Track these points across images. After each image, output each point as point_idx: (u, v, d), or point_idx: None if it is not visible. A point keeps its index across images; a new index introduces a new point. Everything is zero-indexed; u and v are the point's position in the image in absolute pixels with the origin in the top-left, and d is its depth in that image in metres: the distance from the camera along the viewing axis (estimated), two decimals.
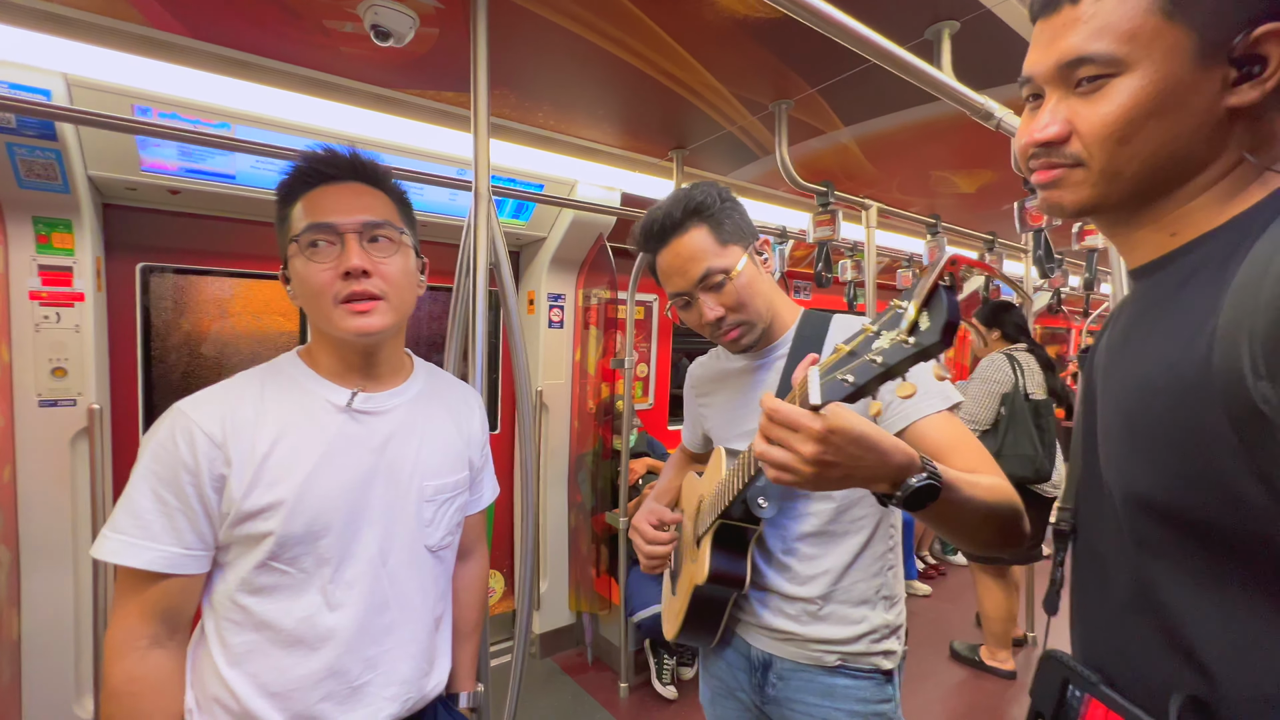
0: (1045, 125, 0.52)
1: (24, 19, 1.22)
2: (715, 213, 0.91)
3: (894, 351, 0.53)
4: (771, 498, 0.92)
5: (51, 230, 1.63)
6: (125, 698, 0.70)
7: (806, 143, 1.99)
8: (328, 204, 0.77)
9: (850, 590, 0.93)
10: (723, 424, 1.06)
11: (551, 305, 2.68)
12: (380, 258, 0.78)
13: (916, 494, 0.63)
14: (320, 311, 0.76)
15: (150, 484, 0.71)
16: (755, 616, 0.98)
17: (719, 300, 0.92)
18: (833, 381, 0.57)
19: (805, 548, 0.94)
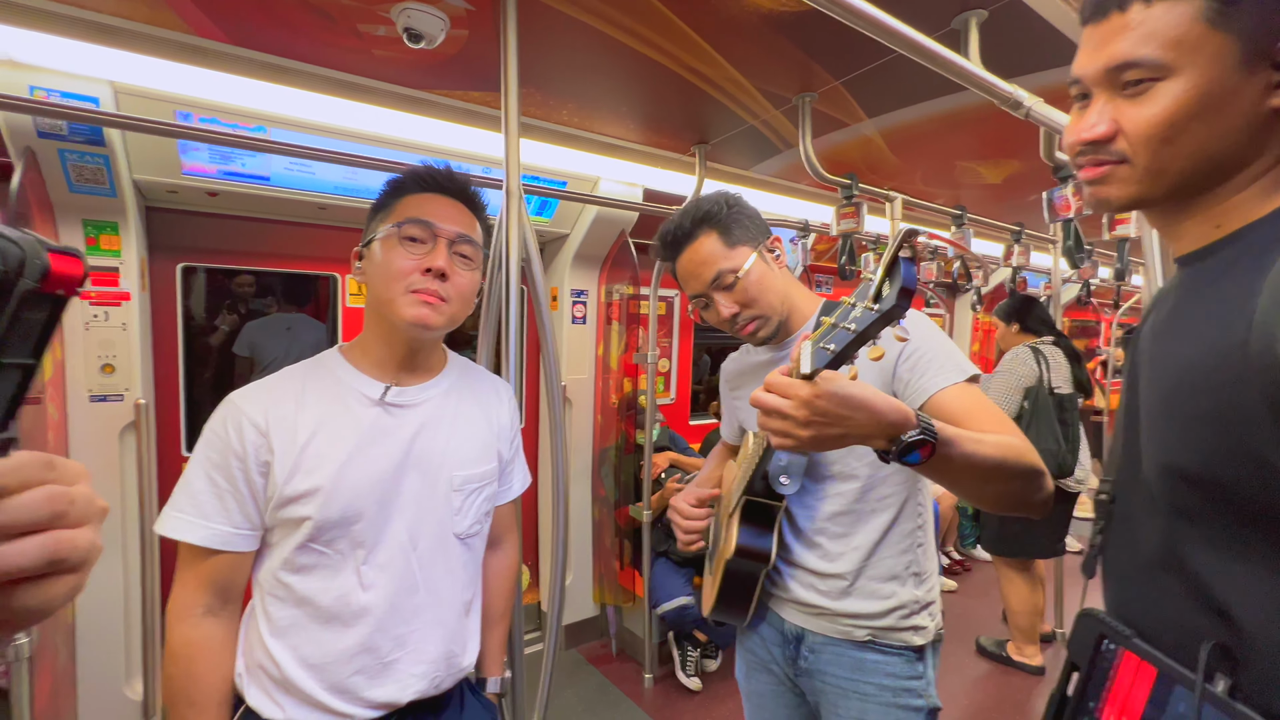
0: (1093, 125, 0.55)
1: (76, 30, 1.28)
2: (723, 219, 0.98)
3: (864, 318, 0.59)
4: (793, 475, 0.96)
5: (100, 232, 1.70)
6: (182, 660, 0.76)
7: (829, 135, 1.98)
8: (433, 209, 0.85)
9: (879, 566, 0.97)
10: (751, 413, 1.09)
11: (574, 301, 2.71)
12: (459, 269, 0.85)
13: (908, 447, 0.66)
14: (389, 294, 0.82)
15: (205, 468, 0.77)
16: (787, 591, 1.03)
17: (732, 298, 0.98)
18: (819, 351, 0.63)
19: (834, 526, 0.98)
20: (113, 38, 1.32)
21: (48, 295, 0.30)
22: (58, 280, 0.30)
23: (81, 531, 0.32)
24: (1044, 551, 2.57)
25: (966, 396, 0.86)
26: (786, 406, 0.66)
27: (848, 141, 2.06)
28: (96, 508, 0.33)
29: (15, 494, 0.29)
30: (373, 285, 0.84)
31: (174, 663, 0.76)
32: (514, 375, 1.14)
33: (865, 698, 0.97)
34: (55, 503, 0.30)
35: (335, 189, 2.00)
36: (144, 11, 1.26)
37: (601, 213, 2.47)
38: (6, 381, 0.30)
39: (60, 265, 0.30)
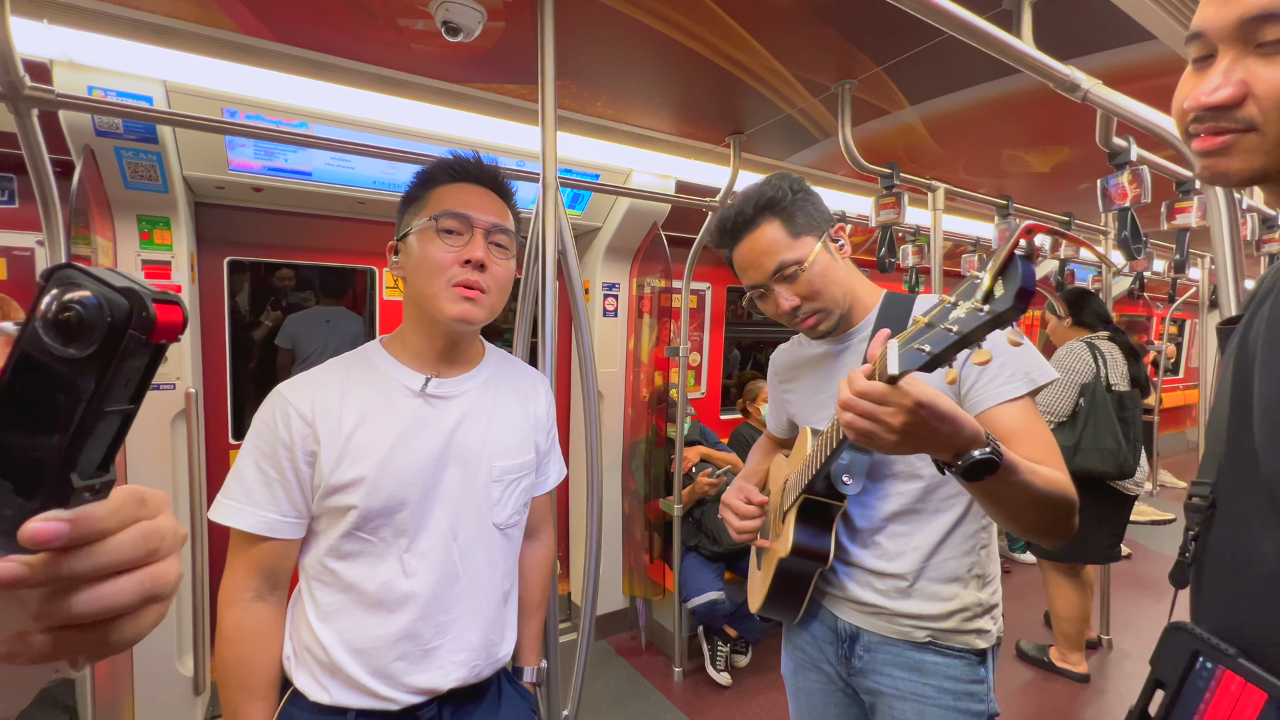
0: (1216, 87, 0.49)
1: (131, 31, 1.32)
2: (787, 206, 0.94)
3: (969, 320, 0.55)
4: (856, 475, 0.94)
5: (153, 228, 1.77)
6: (233, 642, 0.79)
7: (867, 124, 1.92)
8: (466, 199, 0.85)
9: (941, 567, 0.94)
10: (806, 408, 1.09)
11: (606, 294, 2.71)
12: (496, 259, 0.85)
13: (976, 466, 0.67)
14: (429, 289, 0.82)
15: (254, 457, 0.79)
16: (842, 589, 1.01)
17: (793, 290, 0.95)
18: (910, 352, 0.60)
19: (894, 525, 0.96)
20: (165, 37, 1.36)
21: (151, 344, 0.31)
22: (162, 329, 0.30)
23: (170, 563, 0.33)
24: (1099, 556, 2.47)
25: (1023, 415, 0.84)
26: (883, 413, 0.65)
27: (887, 130, 2.00)
28: (180, 537, 0.34)
29: (115, 534, 0.30)
30: (411, 279, 0.85)
31: (226, 646, 0.79)
32: (550, 368, 1.14)
33: (924, 700, 0.94)
34: (150, 540, 0.32)
35: (374, 184, 2.04)
36: (195, 11, 1.30)
37: (634, 205, 2.46)
38: (108, 427, 0.31)
39: (165, 314, 0.30)
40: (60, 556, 0.29)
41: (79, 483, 0.30)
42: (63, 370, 0.29)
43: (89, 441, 0.30)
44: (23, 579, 0.28)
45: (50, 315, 0.29)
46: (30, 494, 0.29)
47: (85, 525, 0.29)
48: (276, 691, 0.81)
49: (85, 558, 0.29)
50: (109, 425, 0.31)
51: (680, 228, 2.64)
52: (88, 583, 0.30)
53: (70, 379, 0.30)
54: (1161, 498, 5.02)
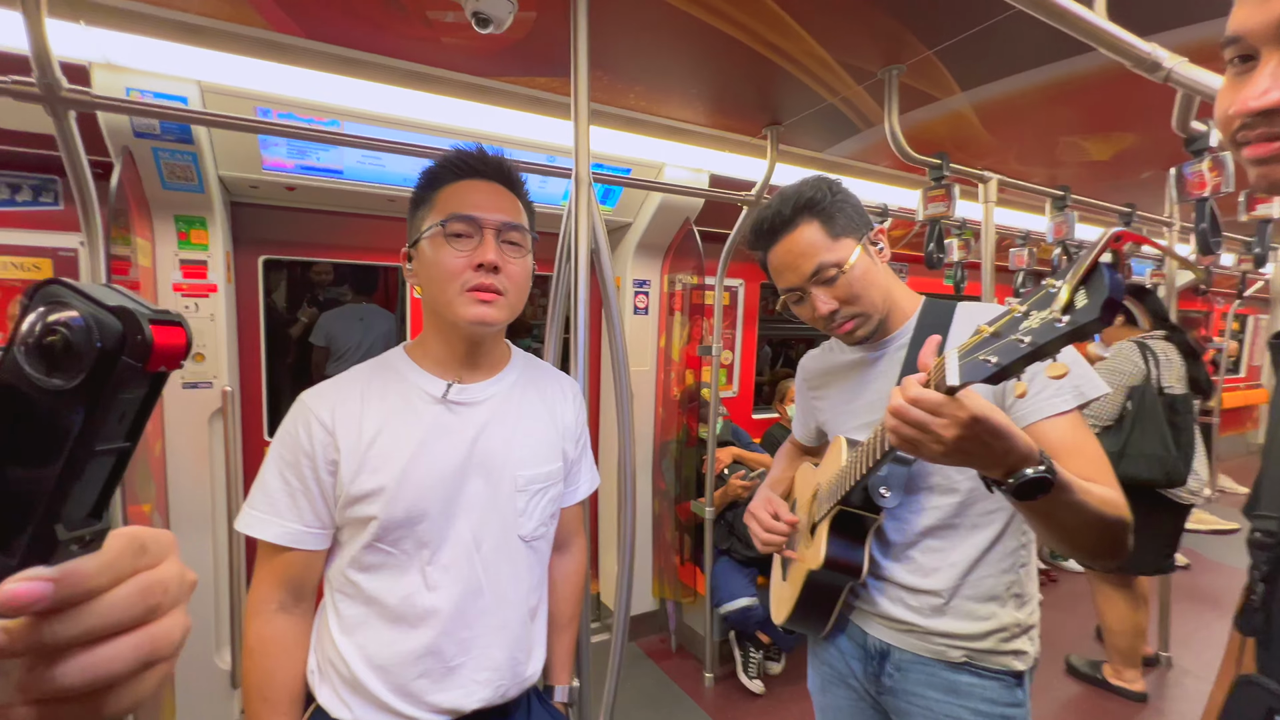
0: (1264, 91, 0.46)
1: (164, 30, 1.32)
2: (826, 207, 0.91)
3: (1044, 331, 0.52)
4: (894, 487, 0.91)
5: (190, 228, 1.78)
6: (257, 655, 0.77)
7: (914, 113, 1.82)
8: (473, 198, 0.81)
9: (978, 585, 0.90)
10: (837, 416, 1.05)
11: (637, 291, 2.66)
12: (510, 258, 0.82)
13: (1029, 485, 0.64)
14: (444, 295, 0.79)
15: (278, 466, 0.77)
16: (873, 604, 0.97)
17: (832, 294, 0.91)
18: (973, 363, 0.57)
19: (929, 540, 0.92)
20: (198, 36, 1.35)
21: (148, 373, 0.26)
22: (161, 355, 0.26)
23: (173, 619, 0.29)
24: (1150, 568, 2.33)
25: (1072, 431, 0.81)
26: (936, 424, 0.63)
27: (934, 119, 1.90)
28: (187, 585, 0.30)
29: (108, 592, 0.26)
30: (427, 287, 0.82)
31: (250, 658, 0.78)
32: (582, 370, 1.10)
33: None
34: (149, 595, 0.28)
35: (405, 181, 2.02)
36: (227, 9, 1.29)
37: (666, 200, 2.40)
38: (99, 469, 0.27)
39: (164, 338, 0.26)
40: (43, 621, 0.25)
41: (65, 534, 0.26)
42: (47, 403, 0.25)
43: (77, 486, 0.26)
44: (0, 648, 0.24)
45: (32, 340, 0.25)
46: (8, 548, 0.25)
47: (72, 584, 0.25)
48: (299, 706, 0.79)
49: (73, 621, 0.25)
50: (100, 466, 0.27)
51: (713, 223, 2.57)
52: (76, 649, 0.26)
53: (55, 413, 0.25)
54: (1221, 504, 4.75)
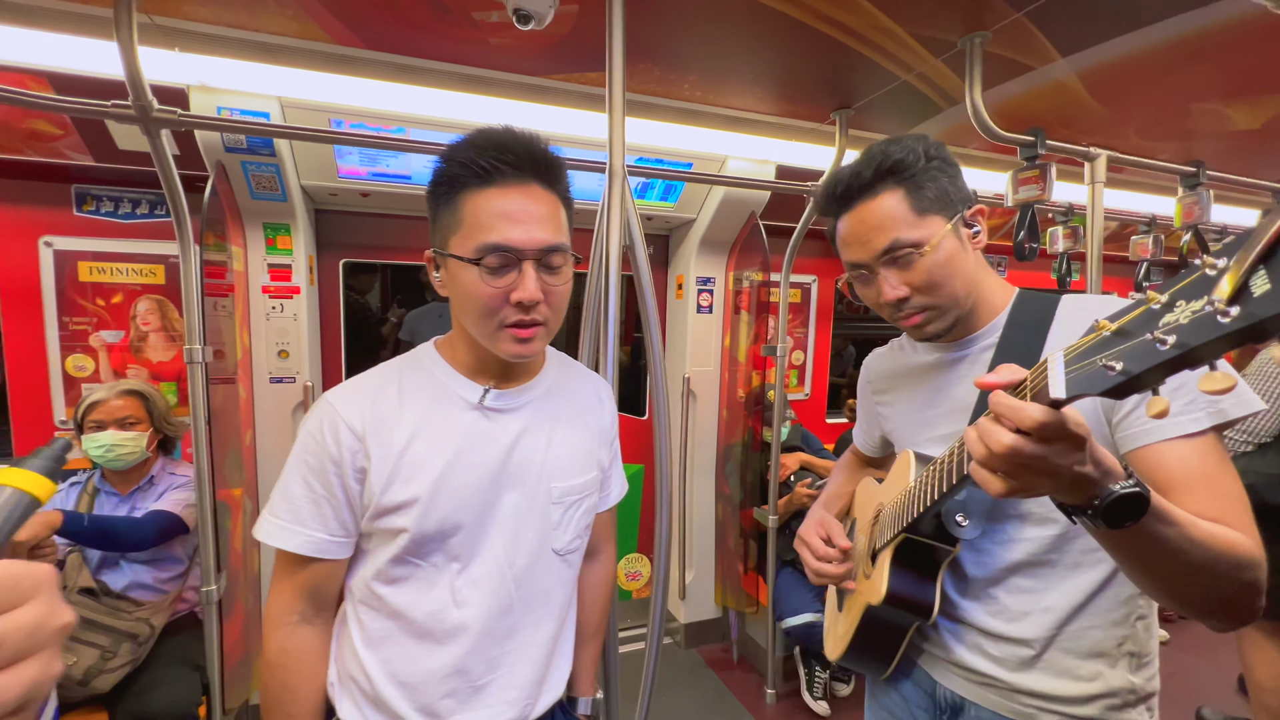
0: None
1: (242, 50, 1.42)
2: (916, 174, 0.76)
3: (1199, 328, 0.38)
4: (974, 514, 0.76)
5: (276, 234, 1.93)
6: (277, 669, 0.76)
7: (1003, 86, 1.62)
8: (508, 215, 0.69)
9: (1081, 638, 0.76)
10: (907, 426, 0.92)
11: (700, 289, 2.59)
12: (551, 284, 0.73)
13: (1117, 505, 0.51)
14: (482, 329, 0.73)
15: (301, 472, 0.74)
16: (945, 650, 0.84)
17: (904, 278, 0.78)
18: (1090, 370, 0.44)
19: (1018, 579, 0.78)
20: (272, 55, 1.45)
21: None
22: None
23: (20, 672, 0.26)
24: None
25: (1201, 459, 0.64)
26: (1029, 448, 0.49)
27: (1028, 91, 1.68)
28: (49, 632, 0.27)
29: None
30: (459, 310, 0.75)
31: (269, 672, 0.76)
32: (612, 370, 1.05)
33: None
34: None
35: None
36: (292, 26, 1.37)
37: (729, 194, 2.31)
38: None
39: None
40: None
41: None
42: None
43: None
44: None
45: None
46: None
47: None
48: (320, 719, 0.78)
49: None
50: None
51: (781, 216, 2.44)
52: None
53: None
54: None
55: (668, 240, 2.77)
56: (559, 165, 0.75)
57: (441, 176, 0.73)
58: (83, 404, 1.62)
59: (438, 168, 0.74)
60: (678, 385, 2.66)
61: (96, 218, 1.88)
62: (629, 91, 1.71)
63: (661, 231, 2.73)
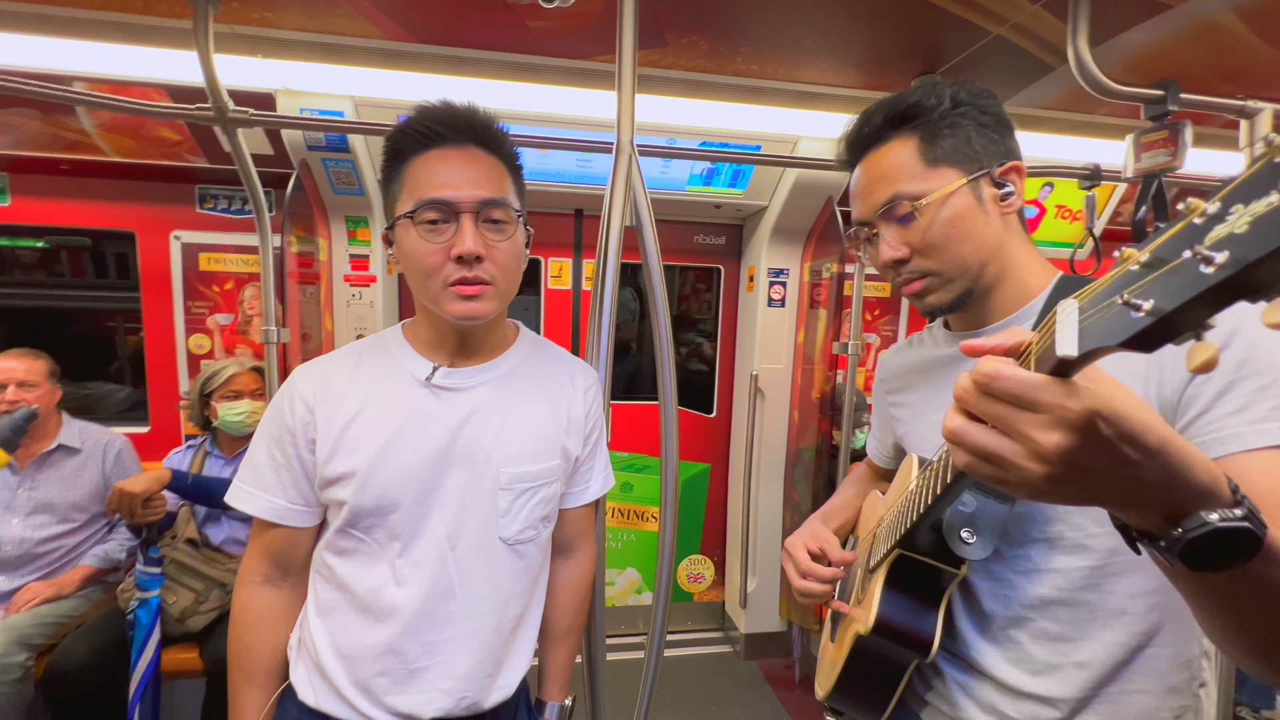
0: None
1: (313, 53, 1.53)
2: (933, 121, 0.67)
3: (1263, 232, 0.26)
4: (983, 531, 0.62)
5: (356, 226, 2.07)
6: (238, 624, 0.80)
7: (1128, 34, 1.34)
8: (443, 175, 0.72)
9: (1126, 704, 0.62)
10: (917, 428, 0.80)
11: (772, 281, 2.44)
12: (494, 240, 0.74)
13: (1213, 541, 0.36)
14: (427, 291, 0.74)
15: (265, 441, 0.78)
16: (952, 706, 0.71)
17: (904, 237, 0.69)
18: (1109, 313, 0.32)
19: (1045, 622, 0.64)
20: (338, 55, 1.54)
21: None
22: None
23: None
24: None
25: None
26: (1026, 422, 0.36)
27: (1162, 39, 1.37)
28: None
29: None
30: (409, 278, 0.76)
31: (232, 628, 0.80)
32: (603, 362, 0.99)
33: None
34: None
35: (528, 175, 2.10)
36: (350, 26, 1.44)
37: (803, 178, 2.14)
38: None
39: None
40: None
41: None
42: None
43: None
44: None
45: None
46: None
47: None
48: (277, 679, 0.81)
49: None
50: None
51: None
52: None
53: None
54: None
55: (741, 230, 2.64)
56: (499, 132, 0.77)
57: (388, 151, 0.76)
58: (217, 377, 1.83)
59: (385, 145, 0.77)
60: (745, 383, 2.53)
61: (214, 214, 2.14)
62: (674, 69, 1.63)
63: (734, 221, 2.60)
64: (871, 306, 2.77)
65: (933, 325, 0.86)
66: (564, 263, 2.53)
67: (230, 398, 1.82)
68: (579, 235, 2.49)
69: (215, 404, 1.82)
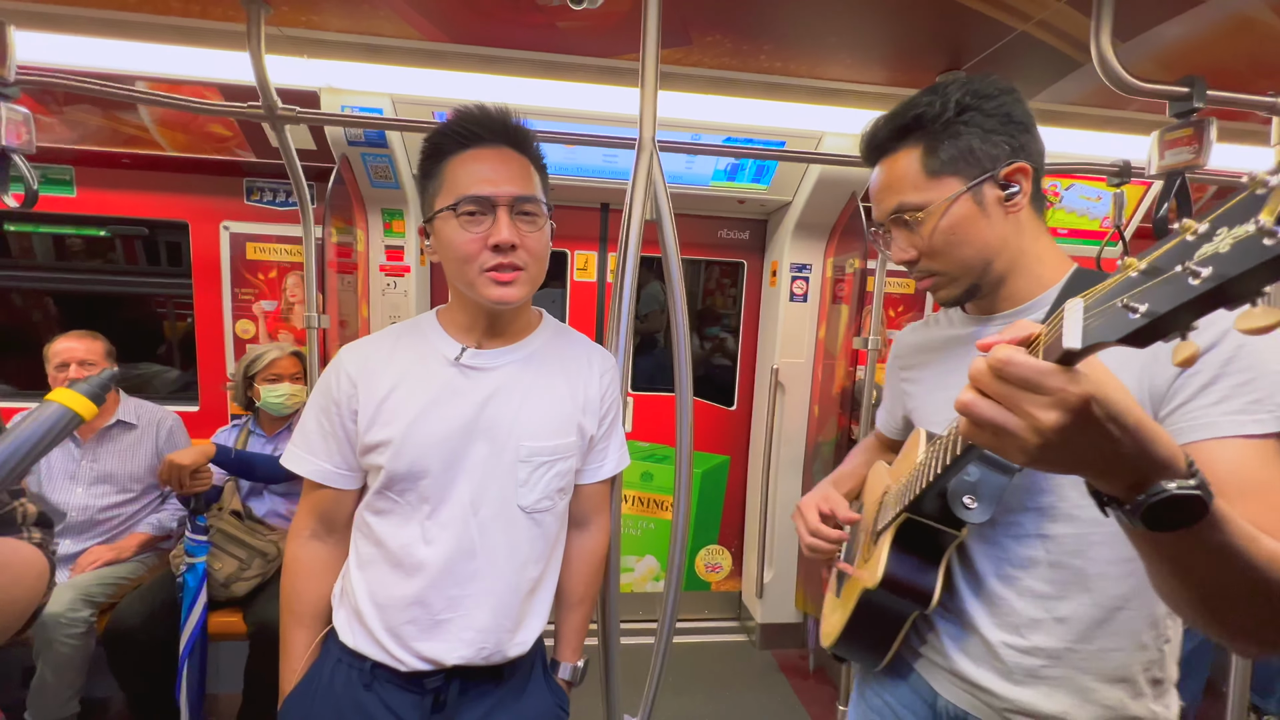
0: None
1: (355, 53, 1.61)
2: (935, 131, 0.71)
3: (1241, 254, 0.32)
4: (984, 498, 0.69)
5: (392, 219, 2.17)
6: (288, 573, 0.90)
7: (1158, 30, 1.33)
8: (481, 172, 0.80)
9: (1102, 659, 0.69)
10: (927, 404, 0.86)
11: (795, 277, 2.46)
12: (526, 231, 0.81)
13: (1166, 506, 0.43)
14: (464, 277, 0.81)
15: (315, 411, 0.87)
16: (944, 657, 0.78)
17: (910, 241, 0.76)
18: (1110, 313, 0.38)
19: (1032, 581, 0.71)
20: (378, 55, 1.62)
21: None
22: None
23: None
24: None
25: (1261, 463, 0.56)
26: (1031, 403, 0.42)
27: (1193, 35, 1.36)
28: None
29: None
30: (447, 266, 0.84)
31: (285, 575, 0.90)
32: (622, 349, 1.04)
33: None
34: None
35: (556, 169, 2.16)
36: (389, 27, 1.52)
37: (826, 174, 2.16)
38: None
39: None
40: None
41: None
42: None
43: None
44: None
45: None
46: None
47: None
48: (321, 623, 0.90)
49: None
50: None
51: None
52: None
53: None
54: None
55: (765, 225, 2.66)
56: (527, 133, 0.85)
57: (428, 150, 0.84)
58: (260, 361, 1.94)
59: (424, 145, 0.84)
60: (766, 376, 2.56)
61: (260, 205, 2.25)
62: (699, 66, 1.67)
63: (758, 216, 2.63)
64: (894, 303, 2.77)
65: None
66: (589, 256, 2.59)
67: (271, 380, 1.93)
68: (604, 229, 2.55)
69: (258, 385, 1.94)
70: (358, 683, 0.84)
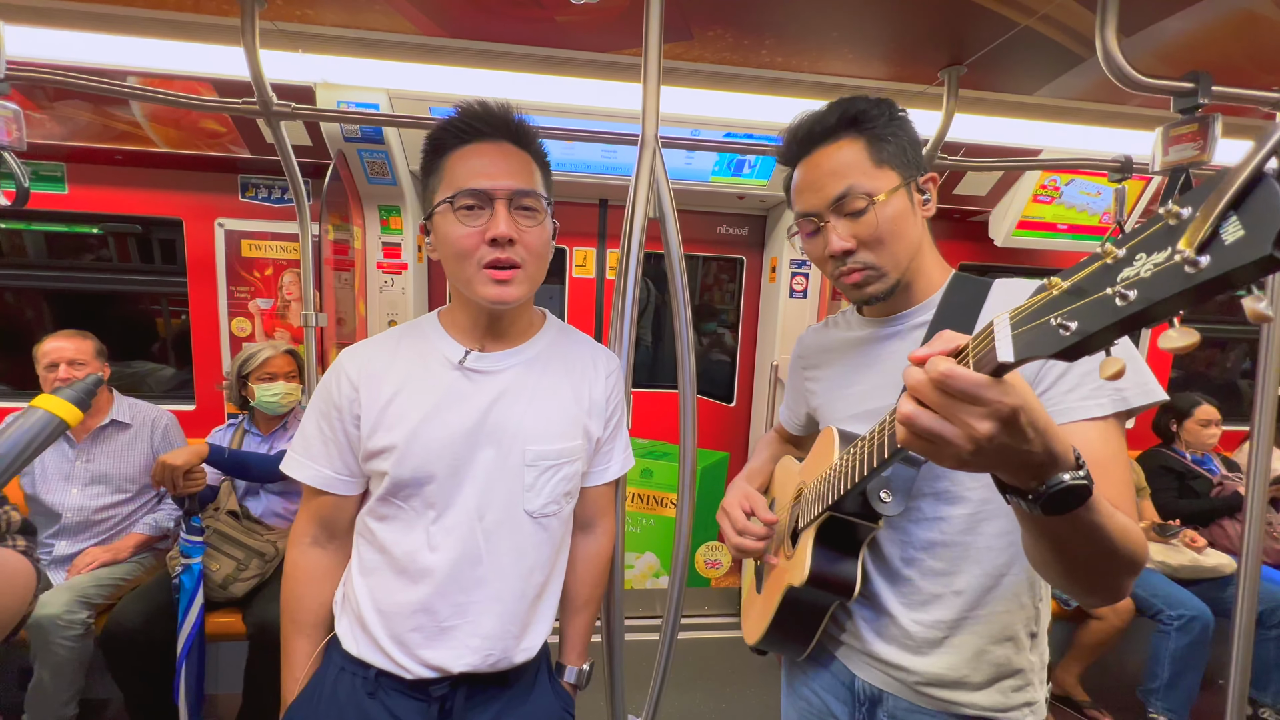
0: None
1: (350, 48, 1.59)
2: (878, 128, 0.77)
3: (1164, 280, 0.35)
4: (898, 491, 0.74)
5: (389, 215, 2.15)
6: (289, 579, 0.88)
7: (1162, 25, 1.32)
8: (480, 166, 0.78)
9: (992, 622, 0.77)
10: (833, 402, 0.90)
11: (795, 273, 2.45)
12: (525, 226, 0.79)
13: (1063, 495, 0.50)
14: (462, 274, 0.80)
15: (315, 416, 0.85)
16: (858, 639, 0.84)
17: (852, 230, 0.77)
18: (1041, 330, 0.41)
19: (931, 560, 0.78)
20: (374, 50, 1.60)
21: None
22: None
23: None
24: None
25: (1104, 443, 0.66)
26: (970, 414, 0.45)
27: (1197, 31, 1.35)
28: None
29: None
30: (445, 263, 0.82)
31: (285, 582, 0.88)
32: (625, 349, 1.03)
33: None
34: None
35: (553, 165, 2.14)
36: (386, 21, 1.50)
37: None
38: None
39: None
40: None
41: None
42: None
43: None
44: None
45: None
46: None
47: None
48: (323, 631, 0.88)
49: None
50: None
51: None
52: None
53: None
54: None
55: (764, 221, 2.65)
56: (531, 131, 0.84)
57: (429, 146, 0.82)
58: (254, 359, 1.92)
59: (426, 142, 0.82)
60: (765, 373, 2.56)
61: (255, 202, 2.23)
62: (700, 62, 1.65)
63: (757, 212, 2.62)
64: None
65: (847, 310, 0.97)
66: (588, 252, 2.58)
67: (266, 379, 1.91)
68: (603, 225, 2.53)
69: (252, 385, 1.92)
70: (361, 691, 0.82)
